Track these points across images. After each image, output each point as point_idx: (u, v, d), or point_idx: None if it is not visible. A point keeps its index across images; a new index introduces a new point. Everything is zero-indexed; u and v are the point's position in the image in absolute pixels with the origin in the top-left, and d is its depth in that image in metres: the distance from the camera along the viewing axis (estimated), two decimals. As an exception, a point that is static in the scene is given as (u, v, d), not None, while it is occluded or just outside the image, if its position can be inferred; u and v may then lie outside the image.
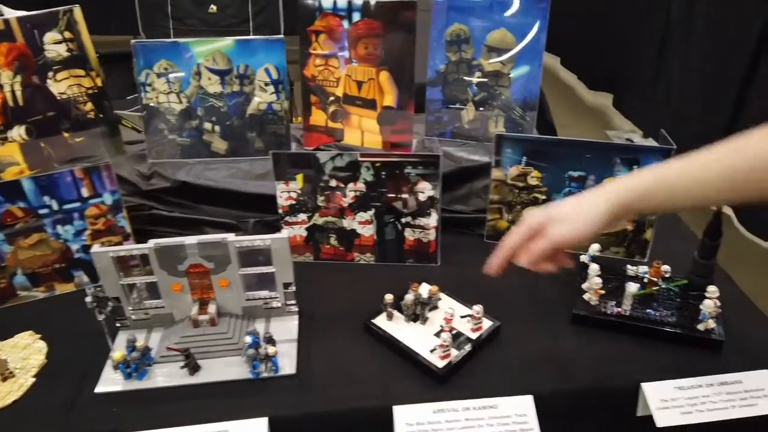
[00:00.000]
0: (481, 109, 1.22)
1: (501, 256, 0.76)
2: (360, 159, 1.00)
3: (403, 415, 0.81)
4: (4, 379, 0.86)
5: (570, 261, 0.78)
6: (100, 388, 0.85)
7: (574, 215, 0.73)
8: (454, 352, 0.88)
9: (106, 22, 2.62)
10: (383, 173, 1.01)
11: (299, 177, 1.02)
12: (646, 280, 0.97)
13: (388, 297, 0.94)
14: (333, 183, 1.03)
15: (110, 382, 0.86)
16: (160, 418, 0.81)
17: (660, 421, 0.81)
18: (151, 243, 0.88)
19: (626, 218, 0.81)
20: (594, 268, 0.95)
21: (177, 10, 2.72)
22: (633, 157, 1.01)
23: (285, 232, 0.90)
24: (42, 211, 0.98)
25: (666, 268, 0.98)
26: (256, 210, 1.17)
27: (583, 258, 1.02)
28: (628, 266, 1.01)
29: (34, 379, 0.87)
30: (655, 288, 0.96)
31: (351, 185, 1.03)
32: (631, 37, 3.10)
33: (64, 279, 1.04)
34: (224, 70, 1.15)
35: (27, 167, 1.15)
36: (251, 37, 1.14)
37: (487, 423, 0.81)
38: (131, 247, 0.88)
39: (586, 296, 0.96)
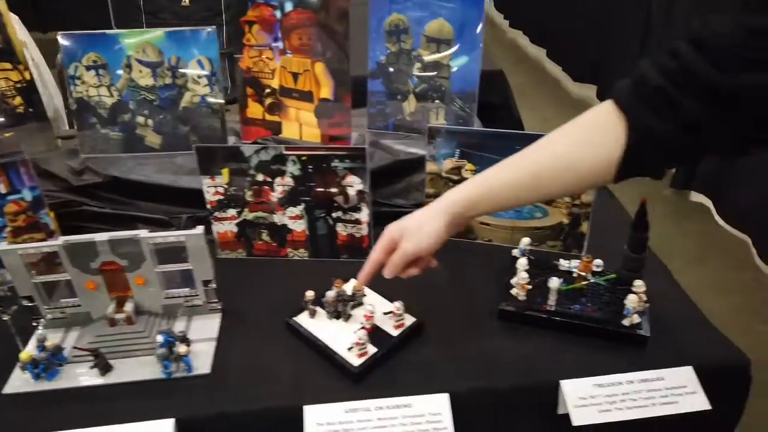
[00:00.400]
0: (422, 101, 1.20)
1: (368, 273, 0.83)
2: (285, 152, 0.97)
3: (314, 414, 0.79)
4: None
5: (434, 261, 0.85)
6: (7, 389, 0.83)
7: (418, 229, 0.80)
8: (372, 350, 0.85)
9: (86, 17, 2.59)
10: (310, 167, 0.98)
11: (225, 171, 1.00)
12: (575, 275, 0.95)
13: (309, 294, 0.92)
14: (260, 177, 1.00)
15: (19, 382, 0.84)
16: (65, 419, 0.79)
17: (576, 420, 0.79)
18: (60, 240, 0.86)
19: (466, 223, 0.86)
20: (521, 262, 0.93)
21: (149, 4, 2.68)
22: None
23: (200, 229, 0.87)
24: (-43, 208, 0.95)
25: (598, 262, 0.96)
26: (189, 205, 1.14)
27: (515, 252, 1.00)
28: (561, 260, 0.99)
29: (-60, 381, 0.85)
30: (584, 283, 0.94)
31: (279, 179, 1.00)
32: (614, 30, 3.11)
33: (-13, 277, 1.02)
34: (155, 63, 1.13)
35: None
36: (181, 28, 1.11)
37: (401, 422, 0.79)
38: (40, 245, 0.86)
39: (513, 291, 0.94)
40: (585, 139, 0.73)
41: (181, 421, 0.79)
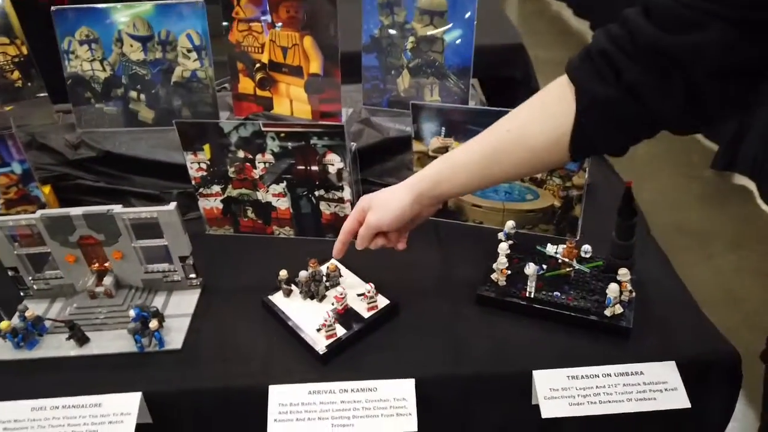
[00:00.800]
0: (416, 76, 1.15)
1: (342, 242, 0.85)
2: (264, 129, 0.96)
3: (278, 395, 0.79)
4: None
5: (403, 243, 0.87)
6: (-12, 357, 0.86)
7: (384, 203, 0.80)
8: (341, 332, 0.84)
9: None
10: (289, 144, 0.96)
11: (206, 147, 0.99)
12: (560, 261, 0.91)
13: (283, 273, 0.91)
14: (241, 154, 0.99)
15: (0, 350, 0.87)
16: (39, 388, 0.81)
17: (545, 412, 0.76)
18: (38, 213, 0.87)
19: (432, 204, 0.83)
20: (502, 247, 0.89)
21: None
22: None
23: (172, 205, 0.87)
24: (-51, 180, 0.98)
25: (586, 248, 0.91)
26: (181, 181, 1.14)
27: (500, 236, 0.96)
28: (549, 245, 0.95)
29: (-72, 347, 0.89)
30: (568, 269, 0.89)
31: (259, 156, 0.99)
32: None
33: (-17, 248, 1.05)
34: (145, 37, 1.12)
35: (-43, 136, 1.15)
36: (170, 1, 1.10)
37: (364, 406, 0.78)
38: (18, 218, 0.88)
39: (494, 276, 0.90)
40: (536, 113, 0.71)
41: (148, 394, 0.80)
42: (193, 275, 0.95)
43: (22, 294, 0.95)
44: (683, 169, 2.72)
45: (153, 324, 0.84)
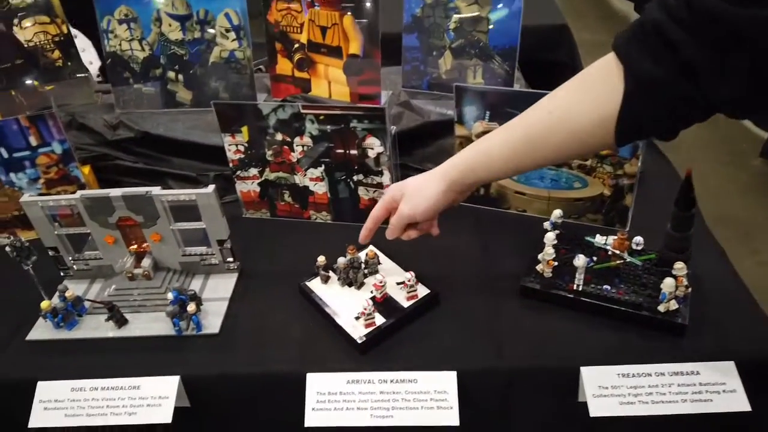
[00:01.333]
0: (458, 57, 1.11)
1: (368, 228, 0.83)
2: (303, 111, 0.93)
3: (316, 383, 0.77)
4: (-53, 321, 0.89)
5: (436, 229, 0.85)
6: (31, 336, 0.87)
7: (416, 192, 0.78)
8: (380, 321, 0.82)
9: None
10: (329, 127, 0.94)
11: (244, 129, 0.97)
12: (610, 253, 0.87)
13: (321, 259, 0.89)
14: (279, 137, 0.97)
15: (41, 330, 0.87)
16: (78, 368, 0.81)
17: (594, 410, 0.73)
18: (78, 194, 0.87)
19: (467, 191, 0.81)
20: (549, 237, 0.85)
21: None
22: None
23: (211, 188, 0.86)
24: (-8, 159, 0.99)
25: (638, 239, 0.87)
26: (218, 163, 1.13)
27: (546, 225, 0.92)
28: (598, 236, 0.90)
29: (-26, 324, 0.90)
30: (618, 262, 0.85)
31: (297, 139, 0.97)
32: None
33: (25, 226, 1.05)
34: (184, 16, 1.11)
35: (0, 116, 1.16)
36: (209, -21, 1.08)
37: (404, 398, 0.76)
38: (59, 198, 0.88)
39: (539, 267, 0.87)
40: (580, 94, 0.66)
41: (186, 378, 0.79)
42: (230, 259, 0.94)
43: (62, 274, 0.96)
44: (730, 158, 2.60)
45: (191, 307, 0.84)
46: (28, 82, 1.16)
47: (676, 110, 0.61)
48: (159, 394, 0.77)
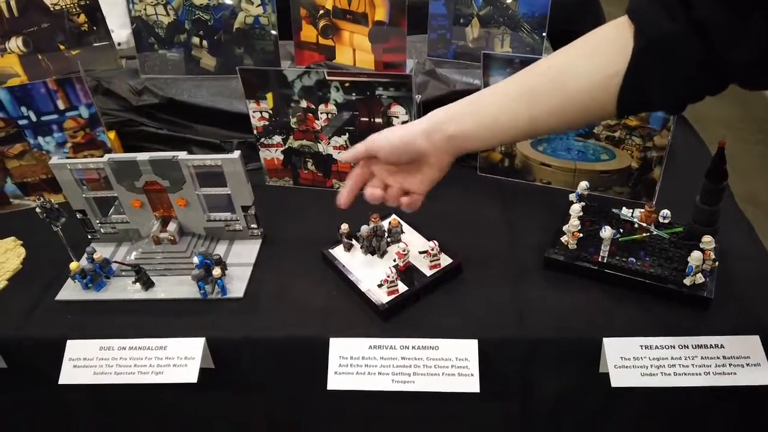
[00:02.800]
0: (486, 26, 1.09)
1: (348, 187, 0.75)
2: (328, 78, 0.92)
3: (338, 347, 0.78)
4: (-22, 281, 0.92)
5: (419, 197, 0.73)
6: (60, 296, 0.89)
7: (391, 129, 0.71)
8: (402, 289, 0.82)
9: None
10: (353, 94, 0.93)
11: (269, 96, 0.97)
12: (636, 225, 0.86)
13: (344, 227, 0.89)
14: (303, 104, 0.97)
15: (70, 290, 0.89)
16: (106, 328, 0.83)
17: (615, 381, 0.73)
18: (106, 158, 0.88)
19: (446, 148, 0.69)
20: (575, 208, 0.85)
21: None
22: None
23: (236, 153, 0.86)
24: (21, 122, 0.99)
25: (665, 212, 0.86)
26: (242, 130, 1.13)
27: (572, 197, 0.91)
28: (624, 209, 0.89)
29: (6, 283, 0.92)
30: (645, 234, 0.84)
31: (322, 107, 0.96)
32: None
33: (53, 189, 1.07)
34: (209, -20, 1.10)
35: (27, 79, 1.17)
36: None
37: (425, 364, 0.77)
38: (87, 161, 0.89)
39: (564, 239, 0.86)
40: (585, 50, 0.61)
41: (210, 340, 0.81)
42: (254, 225, 0.94)
43: (89, 237, 0.97)
44: (758, 136, 2.54)
45: (217, 271, 0.85)
46: (55, 45, 1.16)
47: (687, 75, 0.56)
48: (185, 355, 0.79)
